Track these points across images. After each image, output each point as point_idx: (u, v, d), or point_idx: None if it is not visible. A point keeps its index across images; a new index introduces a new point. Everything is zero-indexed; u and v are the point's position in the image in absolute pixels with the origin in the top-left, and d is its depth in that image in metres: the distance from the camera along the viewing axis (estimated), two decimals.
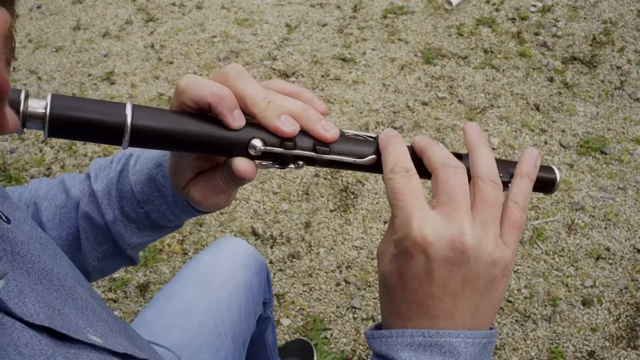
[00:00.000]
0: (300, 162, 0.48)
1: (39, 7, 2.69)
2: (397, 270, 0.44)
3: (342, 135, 0.48)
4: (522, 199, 0.46)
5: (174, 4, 2.67)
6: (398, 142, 0.47)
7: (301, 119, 0.47)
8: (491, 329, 0.45)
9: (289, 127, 0.46)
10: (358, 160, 0.48)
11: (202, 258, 1.02)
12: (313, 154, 0.47)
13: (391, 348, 0.43)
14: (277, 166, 0.48)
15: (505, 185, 0.50)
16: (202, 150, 0.46)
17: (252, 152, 0.46)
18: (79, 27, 2.58)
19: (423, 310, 0.43)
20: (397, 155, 0.46)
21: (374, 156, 0.48)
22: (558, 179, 0.53)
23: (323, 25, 2.52)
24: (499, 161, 0.50)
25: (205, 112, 0.46)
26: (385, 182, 0.45)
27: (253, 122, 0.47)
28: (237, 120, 0.45)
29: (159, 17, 2.61)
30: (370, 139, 0.49)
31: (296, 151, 0.46)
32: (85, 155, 2.09)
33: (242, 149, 0.46)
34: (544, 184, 0.53)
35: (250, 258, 1.03)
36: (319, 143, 0.47)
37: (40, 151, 2.11)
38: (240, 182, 0.49)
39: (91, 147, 2.11)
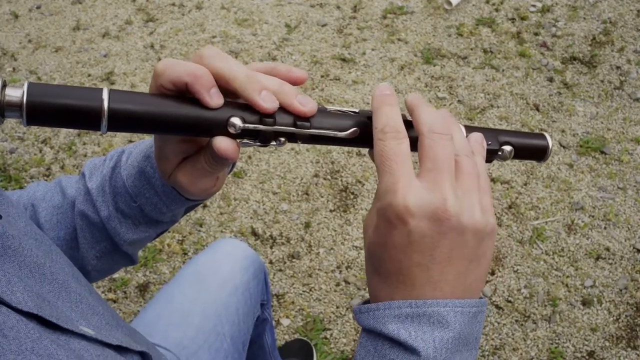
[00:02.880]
0: (282, 139, 0.47)
1: (38, 7, 2.69)
2: (382, 241, 0.43)
3: (324, 111, 0.48)
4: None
5: (173, 4, 2.67)
6: (392, 102, 0.46)
7: (277, 95, 0.46)
8: (481, 298, 0.45)
9: (269, 103, 0.45)
10: (340, 134, 0.48)
11: (201, 259, 1.02)
12: (294, 129, 0.47)
13: (378, 321, 0.43)
14: (259, 144, 0.47)
15: (495, 152, 0.50)
16: (181, 131, 0.46)
17: (231, 130, 0.46)
18: (79, 27, 2.58)
19: (410, 281, 0.43)
20: (389, 116, 0.45)
21: (355, 129, 0.48)
22: (550, 146, 0.53)
23: (323, 26, 2.52)
24: (486, 130, 0.50)
25: (184, 94, 0.46)
26: (375, 143, 0.44)
27: (232, 101, 0.46)
28: (214, 98, 0.45)
29: (158, 17, 2.61)
30: (352, 113, 0.49)
31: (276, 127, 0.46)
32: (85, 156, 2.09)
33: (222, 128, 0.46)
34: (536, 151, 0.52)
35: (249, 259, 1.03)
36: (299, 118, 0.47)
37: (40, 151, 2.11)
38: (223, 162, 0.49)
39: (91, 148, 2.11)
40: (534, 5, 2.56)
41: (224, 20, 2.57)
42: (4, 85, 0.41)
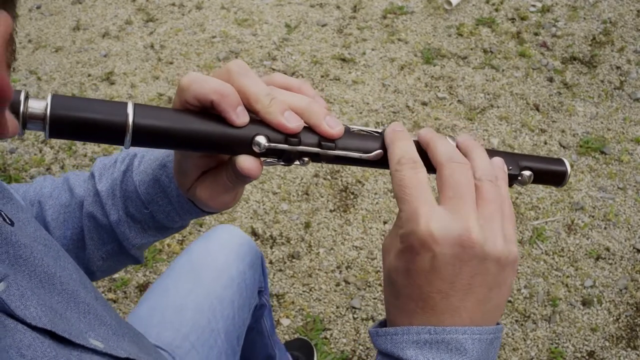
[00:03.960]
0: (306, 159, 0.47)
1: (38, 8, 2.69)
2: (403, 267, 0.43)
3: (348, 131, 0.48)
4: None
5: (173, 4, 2.67)
6: (405, 137, 0.46)
7: (305, 114, 0.46)
8: (498, 324, 0.45)
9: (293, 123, 0.45)
10: (364, 156, 0.47)
11: (195, 249, 1.00)
12: (319, 149, 0.46)
13: (396, 346, 0.43)
14: (282, 163, 0.47)
15: (515, 178, 0.50)
16: (205, 148, 0.46)
17: (256, 149, 0.45)
18: (79, 28, 2.58)
19: (430, 307, 0.43)
20: (404, 149, 0.45)
21: (380, 151, 0.47)
22: (569, 171, 0.52)
23: (323, 26, 2.52)
24: (506, 154, 0.50)
25: (208, 110, 0.45)
26: (392, 174, 0.44)
27: (257, 119, 0.46)
28: (240, 117, 0.44)
29: (158, 17, 2.61)
30: (376, 134, 0.49)
31: (301, 147, 0.46)
32: (85, 156, 2.09)
33: (246, 146, 0.45)
34: (555, 176, 0.52)
35: (244, 247, 1.01)
36: (324, 139, 0.46)
37: (40, 151, 2.11)
38: (246, 180, 0.49)
39: (91, 147, 2.11)
40: (534, 5, 2.56)
41: (224, 20, 2.57)
42: (27, 97, 0.40)
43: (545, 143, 2.07)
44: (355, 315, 1.69)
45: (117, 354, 0.49)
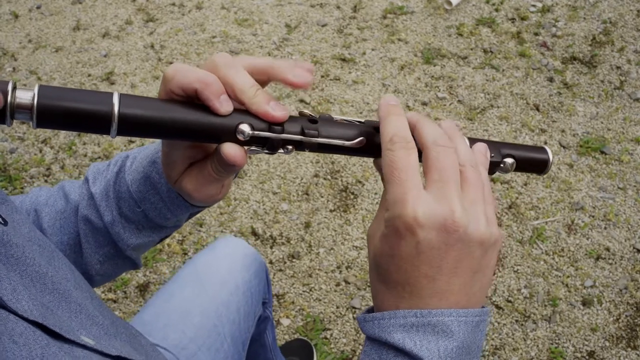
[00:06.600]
0: (290, 147, 0.48)
1: (38, 7, 2.69)
2: (388, 251, 0.44)
3: (331, 120, 0.49)
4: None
5: (173, 4, 2.67)
6: (398, 112, 0.46)
7: (269, 71, 0.47)
8: (483, 307, 0.45)
9: (279, 112, 0.46)
10: (347, 143, 0.48)
11: (201, 258, 1.01)
12: (302, 137, 0.47)
13: (384, 330, 0.43)
14: (266, 151, 0.48)
15: (497, 165, 0.51)
16: (190, 137, 0.47)
17: (240, 137, 0.46)
18: (79, 28, 2.58)
19: (416, 291, 0.43)
20: (397, 125, 0.45)
21: (362, 138, 0.48)
22: (551, 159, 0.53)
23: (323, 26, 2.52)
24: (488, 142, 0.51)
25: (193, 100, 0.46)
26: (384, 153, 0.45)
27: (241, 108, 0.47)
28: (224, 105, 0.45)
29: (158, 17, 2.61)
30: (359, 123, 0.50)
31: (284, 135, 0.47)
32: (85, 156, 2.09)
33: (231, 134, 0.46)
34: (537, 164, 0.53)
35: (249, 258, 1.02)
36: (308, 127, 0.47)
37: (40, 151, 2.11)
38: (231, 169, 0.49)
39: (91, 148, 2.11)
40: (534, 5, 2.56)
41: (224, 20, 2.57)
42: (14, 88, 0.41)
43: (545, 143, 2.07)
44: (355, 315, 1.69)
45: (108, 352, 0.49)
